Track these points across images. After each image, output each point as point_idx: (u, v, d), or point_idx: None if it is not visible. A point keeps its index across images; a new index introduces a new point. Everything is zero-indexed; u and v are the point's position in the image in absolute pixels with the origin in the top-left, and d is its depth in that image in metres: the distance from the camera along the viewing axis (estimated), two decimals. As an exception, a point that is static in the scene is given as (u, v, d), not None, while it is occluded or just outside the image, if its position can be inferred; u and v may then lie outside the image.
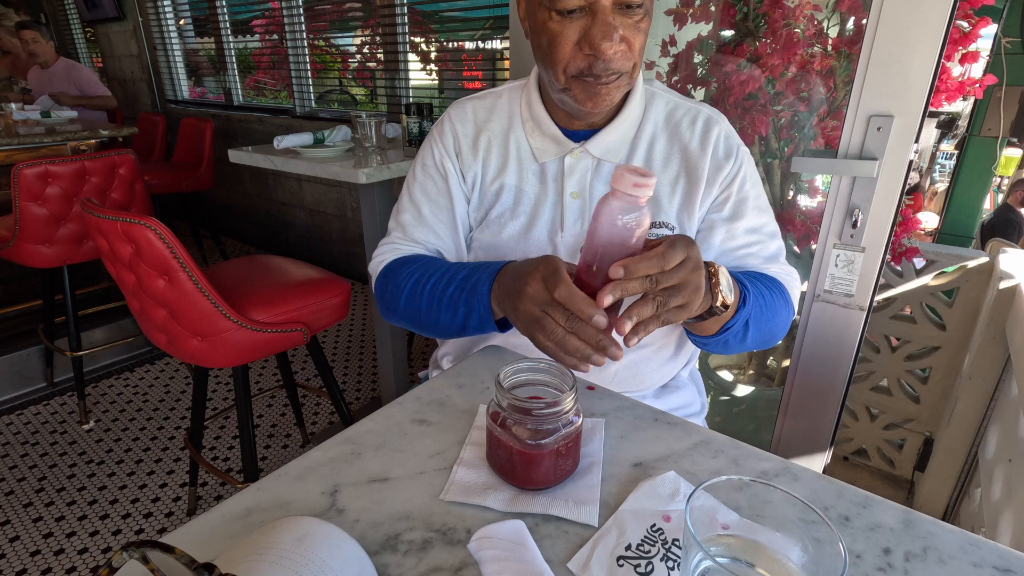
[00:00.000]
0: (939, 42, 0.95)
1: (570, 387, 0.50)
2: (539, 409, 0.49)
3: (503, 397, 0.49)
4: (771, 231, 0.80)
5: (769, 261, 0.78)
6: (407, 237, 0.84)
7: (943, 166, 3.24)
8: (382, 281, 0.81)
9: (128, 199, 1.97)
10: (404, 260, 0.80)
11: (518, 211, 0.80)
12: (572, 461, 0.52)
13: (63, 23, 5.11)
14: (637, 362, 0.83)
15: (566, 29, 0.64)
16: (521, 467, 0.50)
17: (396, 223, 0.86)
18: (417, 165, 0.86)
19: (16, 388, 2.16)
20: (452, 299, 0.70)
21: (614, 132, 0.76)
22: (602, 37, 0.63)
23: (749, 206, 0.77)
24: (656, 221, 0.78)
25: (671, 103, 0.80)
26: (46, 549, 1.50)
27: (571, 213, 0.78)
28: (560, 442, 0.49)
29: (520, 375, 0.54)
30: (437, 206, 0.83)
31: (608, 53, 0.64)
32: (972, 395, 1.37)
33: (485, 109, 0.83)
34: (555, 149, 0.78)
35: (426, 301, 0.74)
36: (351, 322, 2.84)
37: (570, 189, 0.78)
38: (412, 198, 0.84)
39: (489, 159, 0.81)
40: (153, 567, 0.33)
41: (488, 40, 2.64)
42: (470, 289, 0.68)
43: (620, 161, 0.78)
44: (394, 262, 0.81)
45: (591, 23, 0.63)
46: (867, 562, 0.43)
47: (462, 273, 0.71)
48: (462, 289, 0.69)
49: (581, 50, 0.65)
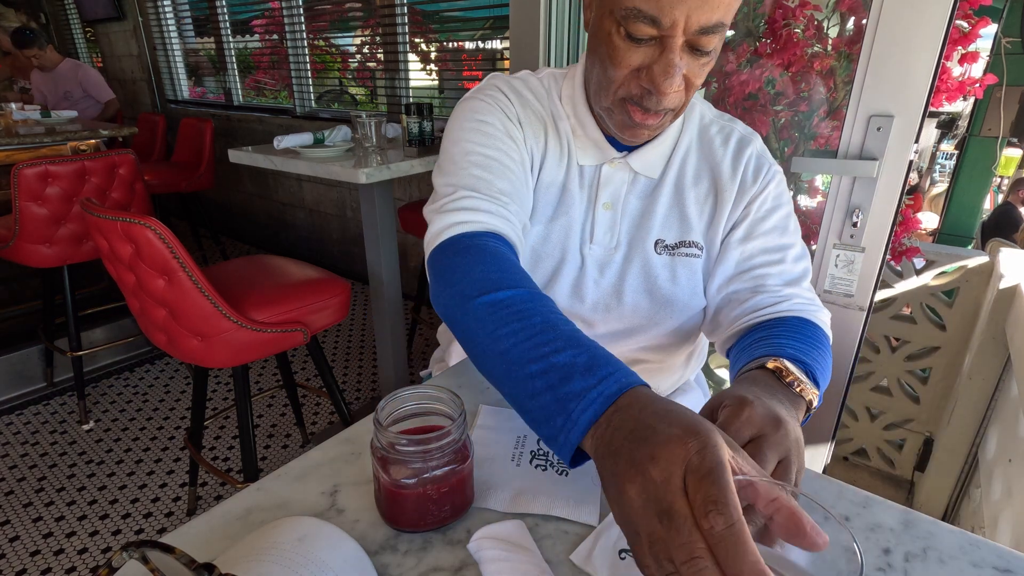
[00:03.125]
0: (939, 42, 0.95)
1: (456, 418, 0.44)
2: (403, 445, 0.43)
3: (381, 435, 0.44)
4: (796, 254, 0.73)
5: (789, 284, 0.72)
6: (485, 192, 0.65)
7: (943, 166, 3.24)
8: (443, 260, 0.61)
9: (128, 199, 1.97)
10: (483, 244, 0.61)
11: (559, 211, 0.74)
12: (450, 507, 0.46)
13: (63, 23, 5.11)
14: (650, 371, 0.82)
15: (631, 52, 0.59)
16: (387, 503, 0.45)
17: (457, 179, 0.66)
18: (469, 128, 0.69)
19: (16, 388, 2.16)
20: (532, 384, 0.47)
21: (657, 148, 0.72)
22: (664, 75, 0.58)
23: (769, 226, 0.73)
24: (687, 240, 0.74)
25: (706, 117, 0.76)
26: (46, 549, 1.50)
27: (602, 225, 0.74)
28: (428, 484, 0.44)
29: (408, 405, 0.48)
30: (509, 169, 0.68)
31: (667, 92, 0.59)
32: (972, 395, 1.37)
33: (529, 89, 0.74)
34: (596, 154, 0.73)
35: (495, 345, 0.51)
36: (351, 322, 2.84)
37: (604, 199, 0.73)
38: (472, 154, 0.67)
39: (548, 143, 0.73)
40: (153, 567, 0.33)
41: (488, 40, 2.64)
42: (563, 400, 0.44)
43: (654, 177, 0.73)
44: (465, 235, 0.62)
45: (657, 56, 0.58)
46: (867, 562, 0.43)
47: (558, 356, 0.47)
48: (551, 387, 0.45)
49: (638, 78, 0.60)
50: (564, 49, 1.53)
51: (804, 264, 0.73)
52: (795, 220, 0.75)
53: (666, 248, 0.74)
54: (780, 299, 0.70)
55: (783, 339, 0.62)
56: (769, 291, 0.71)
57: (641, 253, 0.74)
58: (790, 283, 0.71)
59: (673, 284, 0.74)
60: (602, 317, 0.76)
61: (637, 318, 0.76)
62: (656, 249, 0.74)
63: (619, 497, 0.36)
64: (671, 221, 0.74)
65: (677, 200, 0.74)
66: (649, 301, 0.75)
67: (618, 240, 0.75)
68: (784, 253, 0.72)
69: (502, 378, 0.51)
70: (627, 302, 0.75)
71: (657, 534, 0.33)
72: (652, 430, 0.37)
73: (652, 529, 0.34)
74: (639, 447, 0.36)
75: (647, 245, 0.74)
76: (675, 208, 0.74)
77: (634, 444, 0.37)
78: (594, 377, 0.44)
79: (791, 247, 0.73)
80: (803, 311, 0.69)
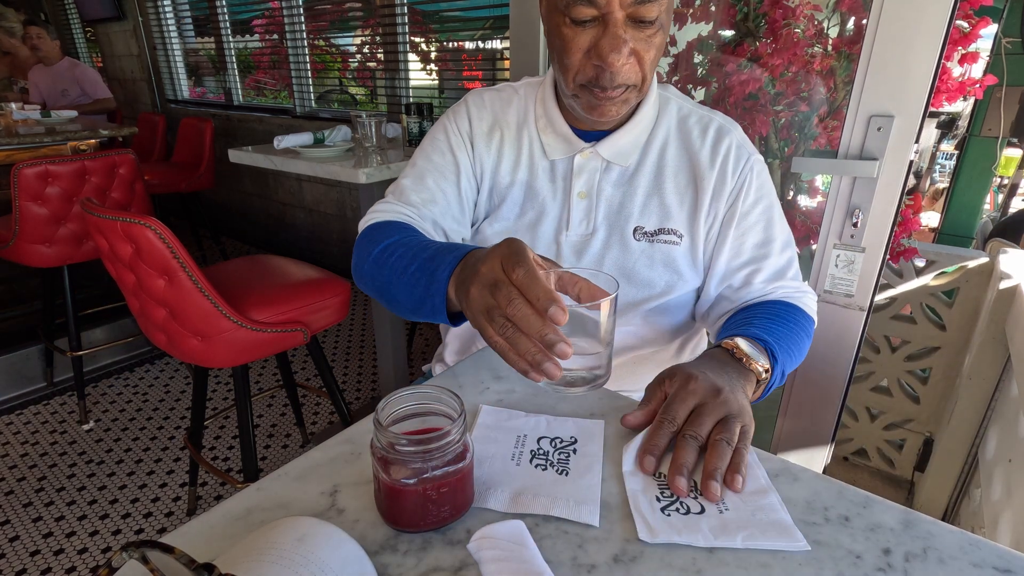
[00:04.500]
0: (939, 42, 0.95)
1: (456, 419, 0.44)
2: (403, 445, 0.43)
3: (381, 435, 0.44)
4: (782, 243, 0.77)
5: (776, 278, 0.77)
6: (402, 199, 0.79)
7: (943, 166, 3.24)
8: (360, 241, 0.75)
9: (128, 199, 1.97)
10: (388, 224, 0.74)
11: (527, 207, 0.80)
12: (450, 507, 0.46)
13: (63, 23, 5.11)
14: (643, 360, 0.83)
15: (578, 37, 0.64)
16: (387, 503, 0.45)
17: (394, 187, 0.81)
18: (426, 141, 0.83)
19: (16, 388, 2.16)
20: (412, 278, 0.63)
21: (625, 136, 0.76)
22: (610, 49, 0.62)
23: (753, 219, 0.76)
24: (666, 228, 0.77)
25: (684, 109, 0.79)
26: (46, 549, 1.50)
27: (577, 212, 0.78)
28: (428, 484, 0.44)
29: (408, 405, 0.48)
30: (443, 177, 0.80)
31: (616, 65, 0.63)
32: (972, 395, 1.37)
33: (502, 101, 0.82)
34: (565, 147, 0.78)
35: (387, 273, 0.67)
36: (351, 322, 2.84)
37: (578, 189, 0.78)
38: (415, 166, 0.81)
39: (503, 151, 0.80)
40: (153, 567, 0.33)
41: (488, 40, 2.64)
42: (431, 272, 0.60)
43: (630, 164, 0.77)
44: (378, 223, 0.76)
45: (601, 34, 0.63)
46: (867, 562, 0.43)
47: (428, 252, 0.63)
48: (423, 270, 0.61)
49: (590, 59, 0.65)
50: (564, 49, 1.53)
51: (789, 253, 0.78)
52: (778, 207, 0.79)
53: (645, 235, 0.78)
54: (767, 292, 0.76)
55: (753, 319, 0.70)
56: (757, 287, 0.76)
57: (620, 239, 0.78)
58: (777, 277, 0.77)
59: (650, 269, 0.78)
60: None
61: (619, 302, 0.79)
62: (635, 236, 0.78)
63: (467, 300, 0.50)
64: (650, 209, 0.77)
65: (657, 189, 0.77)
66: (627, 284, 0.78)
67: (594, 226, 0.78)
68: (770, 247, 0.77)
69: (397, 292, 0.65)
70: None
71: (489, 303, 0.46)
72: (478, 256, 0.52)
73: (487, 304, 0.47)
74: (474, 265, 0.51)
75: (626, 232, 0.78)
76: (655, 196, 0.77)
77: (473, 265, 0.51)
78: (450, 254, 0.59)
79: (775, 240, 0.77)
80: (787, 297, 0.75)
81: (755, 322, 0.68)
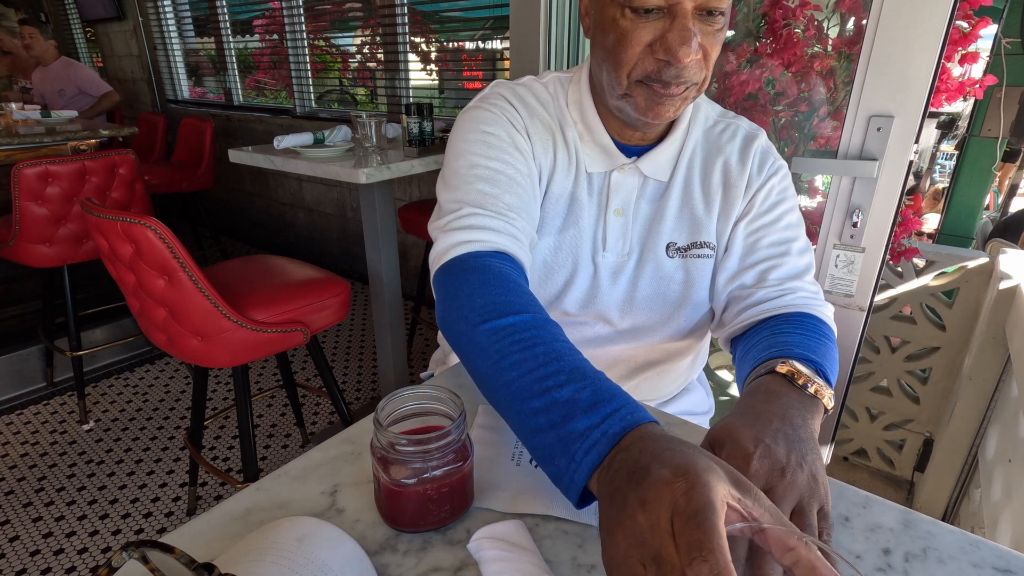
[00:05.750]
0: (939, 42, 0.95)
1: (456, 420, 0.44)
2: (403, 445, 0.43)
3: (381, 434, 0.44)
4: (800, 248, 0.73)
5: (793, 278, 0.71)
6: (491, 209, 0.63)
7: (943, 166, 3.24)
8: (452, 281, 0.59)
9: (128, 199, 1.97)
10: (492, 268, 0.58)
11: (569, 221, 0.73)
12: (450, 507, 0.46)
13: (63, 23, 5.11)
14: (659, 374, 0.82)
15: (639, 29, 0.58)
16: (387, 503, 0.45)
17: (462, 195, 0.65)
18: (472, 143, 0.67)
19: (16, 388, 2.16)
20: (533, 421, 0.46)
21: (666, 151, 0.71)
22: (680, 42, 0.57)
23: (772, 218, 0.73)
24: (698, 241, 0.73)
25: (711, 117, 0.76)
26: (46, 549, 1.50)
27: (614, 231, 0.73)
28: (428, 484, 0.44)
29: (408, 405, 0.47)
30: (517, 183, 0.66)
31: (685, 60, 0.58)
32: (972, 395, 1.37)
33: (535, 97, 0.73)
34: (605, 161, 0.71)
35: (501, 382, 0.50)
36: (351, 322, 2.84)
37: (614, 206, 0.72)
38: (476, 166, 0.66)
39: (557, 155, 0.71)
40: (153, 567, 0.33)
41: (488, 40, 2.64)
42: (565, 436, 0.43)
43: (664, 180, 0.72)
44: (479, 253, 0.60)
45: (669, 26, 0.57)
46: (867, 562, 0.43)
47: (565, 391, 0.45)
48: (553, 425, 0.44)
49: (653, 53, 0.59)
50: (564, 50, 1.53)
51: (808, 258, 0.73)
52: (799, 214, 0.76)
53: (678, 251, 0.74)
54: (783, 292, 0.70)
55: (789, 337, 0.62)
56: (772, 285, 0.71)
57: (653, 258, 0.74)
58: (794, 277, 0.71)
59: (686, 286, 0.74)
60: (616, 320, 0.77)
61: (650, 320, 0.76)
62: (668, 252, 0.74)
63: (608, 542, 0.35)
64: (682, 223, 0.74)
65: (686, 201, 0.74)
66: (662, 304, 0.75)
67: (630, 246, 0.74)
68: (788, 246, 0.72)
69: (506, 410, 0.50)
70: (640, 306, 0.75)
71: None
72: (646, 472, 0.35)
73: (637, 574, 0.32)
74: (632, 491, 0.35)
75: (659, 249, 0.74)
76: (685, 209, 0.74)
77: (628, 487, 0.35)
78: (597, 415, 0.42)
79: (795, 240, 0.73)
80: (807, 306, 0.69)
81: (792, 341, 0.61)
